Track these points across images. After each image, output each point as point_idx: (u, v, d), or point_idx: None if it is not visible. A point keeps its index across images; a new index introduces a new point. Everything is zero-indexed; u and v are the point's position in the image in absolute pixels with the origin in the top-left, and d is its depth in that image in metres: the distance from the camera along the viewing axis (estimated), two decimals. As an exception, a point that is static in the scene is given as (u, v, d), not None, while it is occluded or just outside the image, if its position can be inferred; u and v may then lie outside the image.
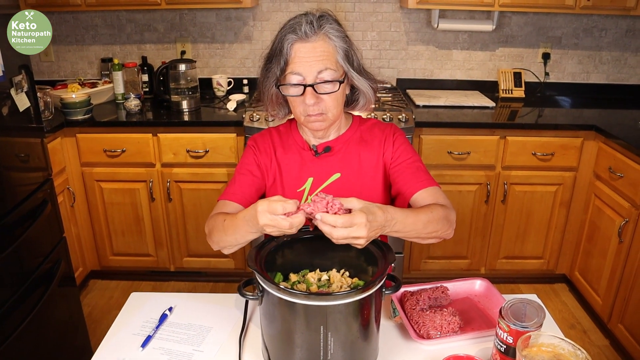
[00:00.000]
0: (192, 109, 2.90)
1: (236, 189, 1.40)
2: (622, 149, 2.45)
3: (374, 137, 1.44)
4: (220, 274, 3.08)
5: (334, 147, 1.43)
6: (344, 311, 1.00)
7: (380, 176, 1.43)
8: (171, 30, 3.24)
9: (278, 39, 1.29)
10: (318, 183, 1.42)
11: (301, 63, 1.25)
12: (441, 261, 2.98)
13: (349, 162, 1.42)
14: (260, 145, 1.46)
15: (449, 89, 3.31)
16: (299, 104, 1.31)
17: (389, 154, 1.42)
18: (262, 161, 1.44)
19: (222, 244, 1.29)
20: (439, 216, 1.24)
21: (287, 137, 1.47)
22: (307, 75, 1.26)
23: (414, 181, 1.36)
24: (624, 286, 2.41)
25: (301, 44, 1.25)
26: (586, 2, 2.76)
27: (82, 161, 2.78)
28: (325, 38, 1.26)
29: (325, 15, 1.30)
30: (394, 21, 3.21)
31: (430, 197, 1.32)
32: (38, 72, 3.31)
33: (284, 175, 1.44)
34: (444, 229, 1.25)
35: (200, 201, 2.83)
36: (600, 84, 3.33)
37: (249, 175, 1.42)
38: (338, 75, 1.29)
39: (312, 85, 1.26)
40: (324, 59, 1.26)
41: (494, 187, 2.80)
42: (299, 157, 1.44)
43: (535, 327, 1.04)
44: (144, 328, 1.26)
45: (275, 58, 1.29)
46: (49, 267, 2.09)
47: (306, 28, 1.25)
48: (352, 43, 1.33)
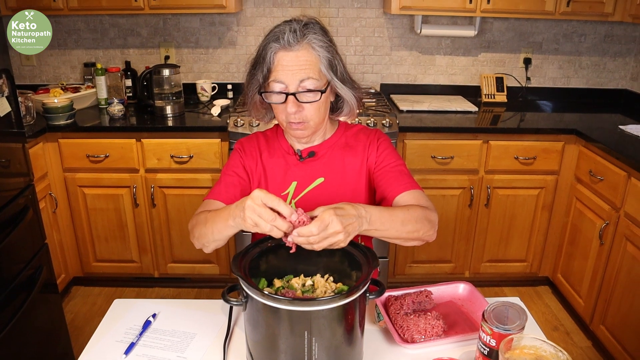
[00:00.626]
0: (176, 114, 2.89)
1: (222, 189, 1.41)
2: (602, 152, 2.49)
3: (358, 142, 1.45)
4: (204, 280, 3.07)
5: (319, 152, 1.44)
6: (328, 316, 1.01)
7: (363, 181, 1.44)
8: (155, 35, 3.23)
9: (262, 46, 1.29)
10: (302, 187, 1.43)
11: (284, 71, 1.26)
12: (426, 265, 3.00)
13: (332, 167, 1.43)
14: (246, 148, 1.48)
15: (433, 94, 3.33)
16: (281, 111, 1.32)
17: (373, 158, 1.43)
18: (247, 164, 1.45)
19: (202, 239, 1.28)
20: (418, 215, 1.24)
21: (273, 141, 1.48)
22: (290, 83, 1.27)
23: (396, 184, 1.37)
24: (605, 288, 2.45)
25: (284, 53, 1.26)
26: (565, 8, 2.81)
27: (65, 166, 2.75)
28: (309, 47, 1.26)
29: (311, 23, 1.30)
30: (377, 27, 3.23)
31: (413, 199, 1.33)
32: (19, 76, 3.28)
33: (269, 178, 1.45)
34: (425, 229, 1.25)
35: (184, 207, 2.82)
36: (580, 88, 3.38)
37: (235, 176, 1.44)
38: (320, 84, 1.29)
39: (294, 94, 1.27)
40: (307, 68, 1.26)
41: (477, 191, 2.82)
42: (284, 161, 1.45)
43: (518, 330, 1.05)
44: (127, 335, 1.25)
45: (259, 65, 1.29)
46: (30, 274, 2.07)
47: (289, 37, 1.24)
48: (337, 52, 1.33)
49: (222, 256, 2.92)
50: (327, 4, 3.17)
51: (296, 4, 3.16)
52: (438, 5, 2.82)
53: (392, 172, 1.40)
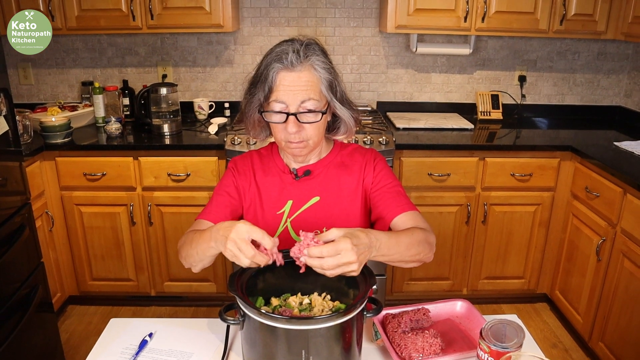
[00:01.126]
0: (174, 133, 2.90)
1: (212, 209, 1.43)
2: (597, 169, 2.50)
3: (354, 162, 1.46)
4: (201, 299, 3.05)
5: (314, 171, 1.44)
6: (326, 335, 1.00)
7: (359, 201, 1.44)
8: (152, 54, 3.25)
9: (264, 65, 1.29)
10: (297, 206, 1.43)
11: (285, 92, 1.26)
12: (423, 282, 2.99)
13: (328, 186, 1.43)
14: (240, 167, 1.48)
15: (429, 111, 3.35)
16: (280, 130, 1.32)
17: (370, 179, 1.44)
18: (240, 184, 1.46)
19: (189, 259, 1.30)
20: (420, 239, 1.25)
21: (268, 160, 1.48)
22: (291, 104, 1.27)
23: (394, 205, 1.37)
24: (603, 304, 2.44)
25: (286, 73, 1.26)
26: (559, 27, 2.85)
27: (62, 185, 2.75)
28: (311, 68, 1.27)
29: (312, 44, 1.31)
30: (373, 45, 3.26)
31: (410, 220, 1.34)
32: (17, 95, 3.29)
33: (263, 197, 1.44)
34: (425, 251, 1.27)
35: (181, 225, 2.81)
36: (574, 105, 3.41)
37: (226, 196, 1.44)
38: (321, 105, 1.30)
39: (294, 114, 1.27)
40: (308, 89, 1.27)
41: (474, 208, 2.83)
42: (279, 180, 1.45)
43: (516, 348, 1.05)
44: (123, 355, 1.24)
45: (260, 84, 1.29)
46: (26, 293, 2.06)
47: (292, 57, 1.25)
48: (337, 74, 1.34)
49: (219, 274, 2.91)
50: (323, 23, 3.20)
51: (293, 23, 3.19)
52: (433, 24, 2.86)
53: (389, 193, 1.40)
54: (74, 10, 2.77)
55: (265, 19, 3.19)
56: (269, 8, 3.17)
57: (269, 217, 1.43)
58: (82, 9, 2.77)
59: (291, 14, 3.18)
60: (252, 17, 3.18)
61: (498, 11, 2.81)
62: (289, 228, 1.42)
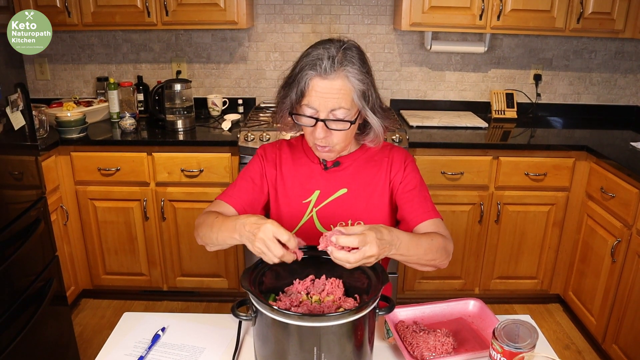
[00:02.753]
0: (187, 129, 2.91)
1: (234, 193, 1.44)
2: (613, 169, 2.47)
3: (383, 158, 1.46)
4: (213, 294, 3.06)
5: (344, 163, 1.45)
6: (338, 332, 1.00)
7: (386, 197, 1.44)
8: (167, 50, 3.27)
9: (299, 67, 1.28)
10: (324, 196, 1.44)
11: (316, 97, 1.25)
12: (435, 281, 2.98)
13: (356, 178, 1.44)
14: (268, 154, 1.49)
15: (442, 109, 3.34)
16: (309, 133, 1.33)
17: (399, 178, 1.44)
18: (267, 171, 1.47)
19: (205, 239, 1.33)
20: (439, 245, 1.28)
21: (298, 149, 1.50)
22: (321, 110, 1.26)
23: (420, 211, 1.38)
24: (617, 306, 2.42)
25: (319, 80, 1.24)
26: (576, 25, 2.81)
27: (76, 179, 2.77)
28: (344, 77, 1.25)
29: (351, 48, 1.29)
30: (387, 43, 3.25)
31: (434, 227, 1.36)
32: (34, 90, 3.32)
33: (289, 185, 1.46)
34: (442, 258, 1.30)
35: (194, 220, 2.79)
36: (590, 104, 3.37)
37: (250, 182, 1.46)
38: (351, 113, 1.28)
39: (323, 121, 1.27)
40: (340, 97, 1.25)
41: (487, 207, 2.81)
42: (308, 169, 1.46)
43: (529, 348, 1.04)
44: (136, 348, 1.25)
45: (293, 86, 1.28)
46: (40, 286, 2.08)
47: (327, 65, 1.23)
48: (373, 81, 1.32)
49: (231, 270, 2.92)
50: (337, 20, 3.19)
51: (307, 20, 3.19)
52: (448, 22, 2.84)
53: (417, 197, 1.41)
54: (89, 7, 2.79)
55: (280, 15, 3.19)
56: (283, 5, 3.16)
57: (294, 205, 1.44)
58: (98, 5, 2.79)
59: (305, 10, 3.17)
60: (266, 14, 3.18)
61: (514, 9, 2.78)
62: (314, 218, 1.43)
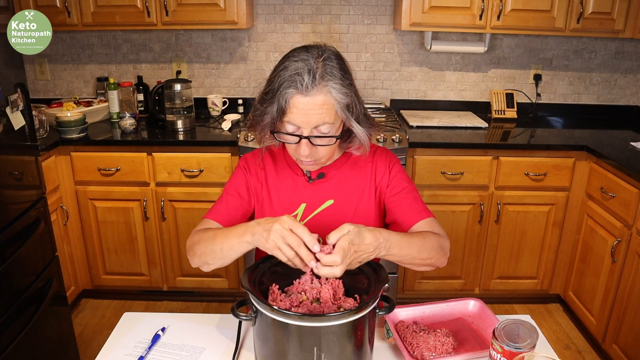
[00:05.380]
0: (187, 129, 2.91)
1: (222, 210, 1.40)
2: (613, 169, 2.47)
3: (367, 163, 1.44)
4: (213, 294, 3.06)
5: (328, 173, 1.42)
6: (338, 332, 1.00)
7: (373, 202, 1.43)
8: (167, 50, 3.27)
9: (277, 83, 1.20)
10: (311, 209, 1.41)
11: (298, 115, 1.20)
12: (435, 281, 2.98)
13: (342, 188, 1.42)
14: (251, 166, 1.45)
15: (442, 109, 3.34)
16: (293, 149, 1.29)
17: (385, 182, 1.42)
18: (252, 183, 1.43)
19: (205, 255, 1.26)
20: (433, 243, 1.26)
21: (280, 159, 1.45)
22: (304, 126, 1.21)
23: (411, 212, 1.36)
24: (617, 306, 2.42)
25: (300, 97, 1.18)
26: (576, 25, 2.81)
27: (76, 180, 2.77)
28: (327, 92, 1.19)
29: (330, 59, 1.22)
30: (387, 43, 3.25)
31: (427, 227, 1.34)
32: (34, 90, 3.32)
33: (275, 199, 1.43)
34: (438, 256, 1.27)
35: (194, 220, 2.83)
36: (590, 104, 3.37)
37: (237, 197, 1.42)
38: (335, 127, 1.25)
39: (307, 137, 1.23)
40: (323, 112, 1.20)
41: (487, 207, 2.81)
42: (292, 182, 1.43)
43: (529, 348, 1.04)
44: (136, 349, 1.25)
45: (272, 102, 1.22)
46: (40, 286, 2.08)
47: (307, 81, 1.17)
48: (356, 91, 1.27)
49: (231, 270, 2.92)
50: (337, 20, 3.19)
51: (307, 20, 3.19)
52: (448, 22, 2.84)
53: (407, 199, 1.39)
54: (89, 7, 2.79)
55: (280, 15, 3.19)
56: (283, 5, 3.16)
57: None
58: (98, 5, 2.79)
59: (305, 11, 3.17)
60: (266, 14, 3.18)
61: (514, 9, 2.78)
62: None
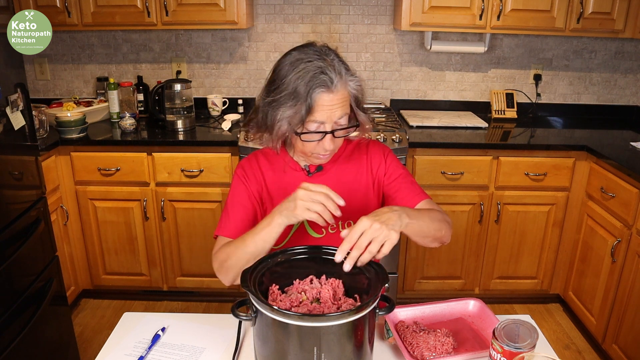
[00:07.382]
0: (187, 129, 2.91)
1: (230, 225, 1.39)
2: (613, 169, 2.47)
3: (361, 155, 1.49)
4: (213, 294, 3.06)
5: (325, 166, 1.45)
6: (338, 332, 1.00)
7: (372, 191, 1.47)
8: (167, 50, 3.27)
9: (302, 85, 1.22)
10: None
11: (324, 112, 1.25)
12: (435, 281, 2.98)
13: (340, 180, 1.44)
14: (248, 172, 1.45)
15: (442, 109, 3.34)
16: (313, 145, 1.31)
17: (382, 170, 1.47)
18: (252, 190, 1.43)
19: (239, 262, 1.25)
20: (438, 216, 1.32)
21: (276, 159, 1.46)
22: (328, 122, 1.26)
23: (411, 195, 1.42)
24: (617, 306, 2.42)
25: (328, 94, 1.23)
26: (576, 25, 2.81)
27: (76, 179, 2.77)
28: (346, 86, 1.27)
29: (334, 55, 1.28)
30: (387, 43, 3.25)
31: (427, 207, 1.40)
32: (34, 90, 3.32)
33: (276, 197, 1.43)
34: (446, 228, 1.33)
35: (194, 220, 2.83)
36: (590, 104, 3.37)
37: (241, 209, 1.41)
38: (348, 118, 1.32)
39: (332, 132, 1.28)
40: (343, 105, 1.27)
41: (487, 207, 2.81)
42: (291, 177, 1.44)
43: (529, 348, 1.04)
44: (136, 348, 1.25)
45: (296, 102, 1.24)
46: (40, 286, 2.08)
47: (335, 79, 1.23)
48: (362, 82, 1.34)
49: (230, 270, 2.91)
50: (337, 20, 3.19)
51: (307, 20, 3.19)
52: (448, 22, 2.84)
53: (405, 183, 1.45)
54: (89, 7, 2.79)
55: (280, 15, 3.19)
56: (283, 5, 3.16)
57: None
58: (98, 5, 2.79)
59: (305, 11, 3.17)
60: (266, 14, 3.18)
61: (514, 9, 2.78)
62: (305, 225, 1.43)
